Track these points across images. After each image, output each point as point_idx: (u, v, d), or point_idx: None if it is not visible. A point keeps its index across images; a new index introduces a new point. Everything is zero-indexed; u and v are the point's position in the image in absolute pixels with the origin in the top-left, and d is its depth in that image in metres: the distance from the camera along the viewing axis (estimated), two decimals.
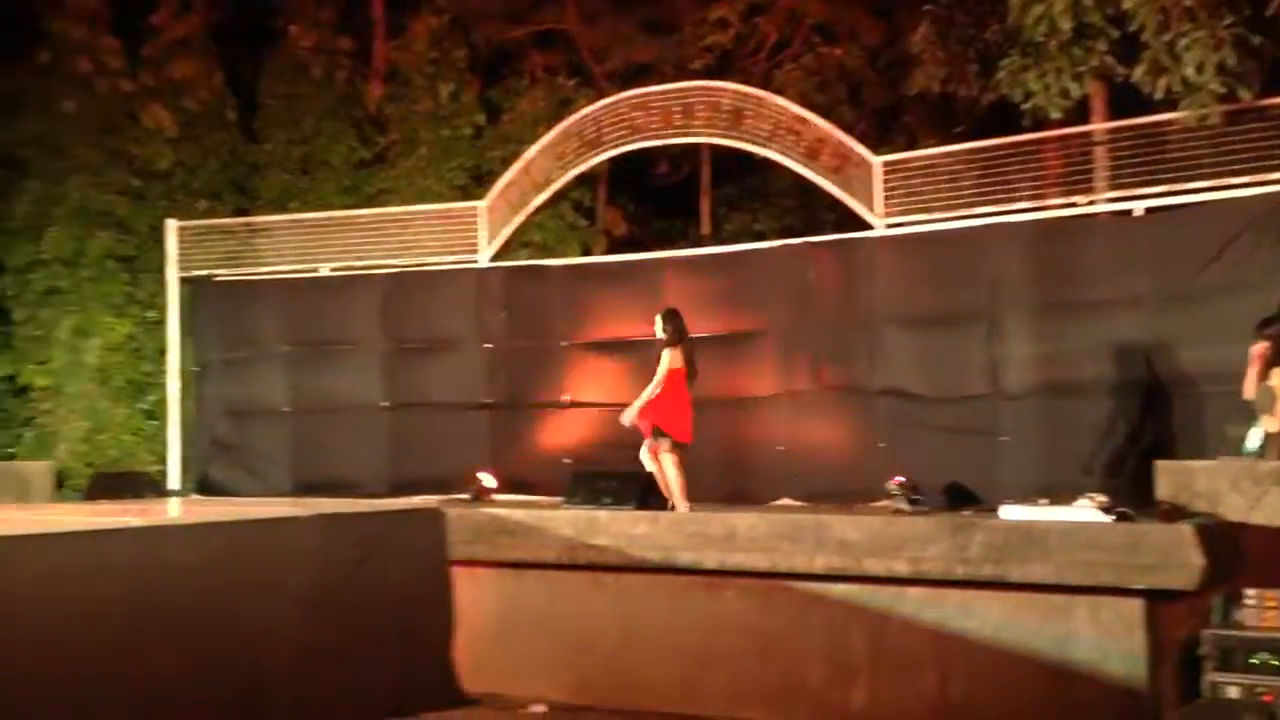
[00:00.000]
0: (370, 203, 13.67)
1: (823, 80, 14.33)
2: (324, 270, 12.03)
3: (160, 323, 12.92)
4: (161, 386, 12.85)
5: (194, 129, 14.08)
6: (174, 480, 12.13)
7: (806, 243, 10.60)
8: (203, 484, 12.03)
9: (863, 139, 10.74)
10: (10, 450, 13.52)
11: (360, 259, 11.95)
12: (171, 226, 12.47)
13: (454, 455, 10.93)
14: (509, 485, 10.50)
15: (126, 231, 13.65)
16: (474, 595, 7.87)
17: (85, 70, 13.53)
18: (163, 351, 12.78)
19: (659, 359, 8.75)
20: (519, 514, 8.14)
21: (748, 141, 10.74)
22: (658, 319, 8.91)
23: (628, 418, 8.78)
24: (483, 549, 7.94)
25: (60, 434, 13.32)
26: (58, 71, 13.59)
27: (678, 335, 8.80)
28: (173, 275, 12.38)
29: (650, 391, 8.68)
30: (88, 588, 5.72)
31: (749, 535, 7.23)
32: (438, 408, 11.37)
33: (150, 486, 11.21)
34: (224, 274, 12.31)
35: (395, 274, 11.77)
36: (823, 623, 7.03)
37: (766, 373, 10.35)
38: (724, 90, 10.97)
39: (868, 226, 10.10)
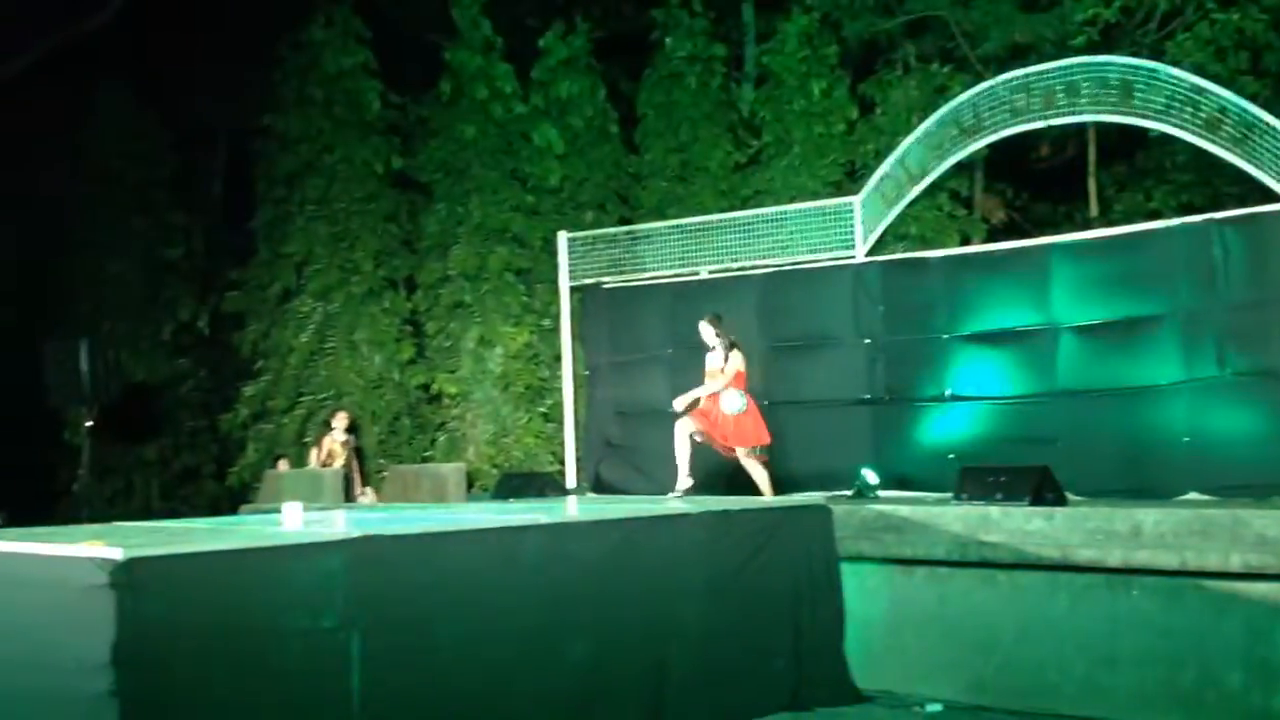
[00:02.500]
0: (746, 204, 13.88)
1: (1219, 48, 13.33)
2: (703, 273, 12.33)
3: (554, 330, 13.64)
4: (557, 391, 13.56)
5: (579, 144, 14.77)
6: (571, 479, 12.76)
7: (1210, 219, 9.87)
8: (596, 483, 12.58)
9: (1268, 106, 9.92)
10: (427, 453, 14.66)
11: (737, 260, 12.16)
12: (562, 238, 13.14)
13: (835, 452, 10.91)
14: (892, 481, 10.40)
15: (522, 245, 14.50)
16: (863, 592, 7.84)
17: (482, 97, 14.51)
18: (557, 357, 13.50)
19: (724, 365, 9.47)
20: (905, 510, 8.06)
21: (1139, 116, 10.16)
22: (708, 325, 9.62)
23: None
24: (870, 545, 7.92)
25: (469, 437, 14.32)
26: (458, 100, 14.64)
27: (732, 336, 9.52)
28: (564, 284, 13.04)
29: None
30: (503, 581, 6.10)
31: (1155, 531, 6.86)
32: (817, 405, 11.38)
33: (551, 486, 11.85)
34: (610, 281, 12.85)
35: (771, 273, 11.90)
36: (1241, 623, 6.56)
37: (1167, 359, 9.74)
38: (1111, 64, 10.41)
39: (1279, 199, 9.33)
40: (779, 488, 10.81)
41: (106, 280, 15.97)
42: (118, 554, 4.68)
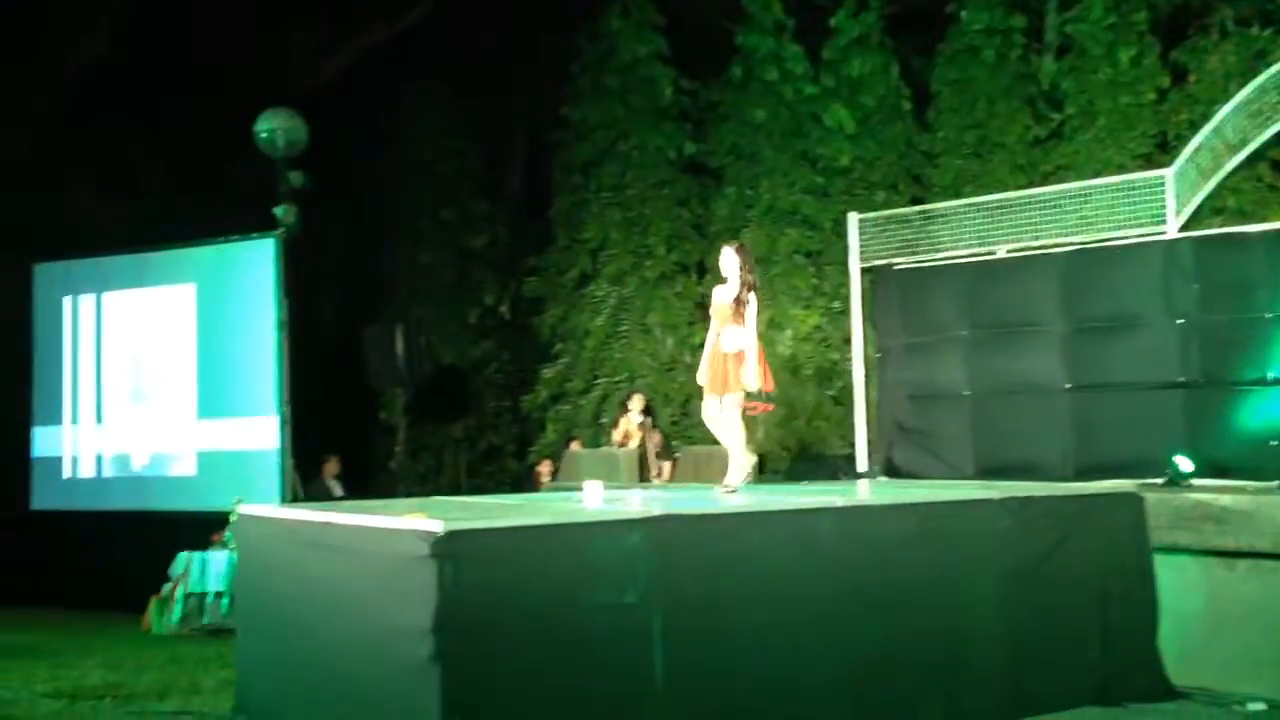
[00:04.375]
0: (1046, 180, 13.36)
1: None
2: (1001, 252, 11.96)
3: (844, 312, 13.51)
4: (846, 373, 13.43)
5: (871, 124, 14.57)
6: (862, 463, 12.65)
7: None
8: (888, 466, 12.41)
9: None
10: None
11: (1037, 238, 11.73)
12: (852, 220, 13.00)
13: (1144, 437, 10.39)
14: (1208, 468, 9.82)
15: (811, 228, 14.45)
16: (1177, 584, 7.48)
17: (773, 79, 14.53)
18: (847, 340, 13.37)
19: (742, 303, 7.74)
20: (1226, 499, 7.64)
21: None
22: (735, 255, 7.86)
23: (755, 381, 7.75)
24: (1185, 535, 7.55)
25: (759, 420, 14.38)
26: (749, 83, 14.72)
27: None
28: (855, 266, 12.89)
29: (755, 344, 7.77)
30: (798, 563, 6.13)
31: None
32: (1124, 388, 10.84)
33: (843, 469, 11.80)
34: (902, 262, 12.63)
35: (1074, 251, 11.43)
36: None
37: None
38: None
39: None
40: (1081, 474, 10.43)
41: (418, 268, 16.91)
42: (439, 527, 4.97)
